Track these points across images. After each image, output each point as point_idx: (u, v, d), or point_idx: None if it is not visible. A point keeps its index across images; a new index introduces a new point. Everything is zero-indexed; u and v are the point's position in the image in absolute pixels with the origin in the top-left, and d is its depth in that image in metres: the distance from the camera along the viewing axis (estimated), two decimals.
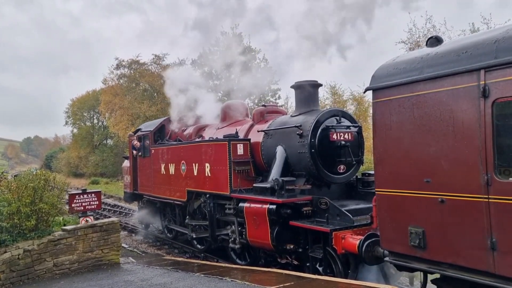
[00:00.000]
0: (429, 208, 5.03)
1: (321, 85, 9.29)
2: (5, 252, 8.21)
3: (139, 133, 14.66)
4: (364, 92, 6.24)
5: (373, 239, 6.34)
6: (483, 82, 4.49)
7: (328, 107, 21.84)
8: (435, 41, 5.58)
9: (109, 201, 26.76)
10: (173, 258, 11.57)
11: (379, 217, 5.85)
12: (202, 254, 11.23)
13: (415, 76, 5.27)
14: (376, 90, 5.82)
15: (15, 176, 16.98)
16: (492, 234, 4.40)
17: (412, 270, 5.61)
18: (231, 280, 7.04)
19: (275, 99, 29.42)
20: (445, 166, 4.87)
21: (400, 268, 5.73)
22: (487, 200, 4.42)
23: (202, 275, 7.86)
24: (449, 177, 4.83)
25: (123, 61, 38.30)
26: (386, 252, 5.83)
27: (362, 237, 6.48)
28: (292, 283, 6.60)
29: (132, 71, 38.75)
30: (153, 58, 38.31)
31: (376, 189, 5.81)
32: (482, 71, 4.52)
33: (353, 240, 6.59)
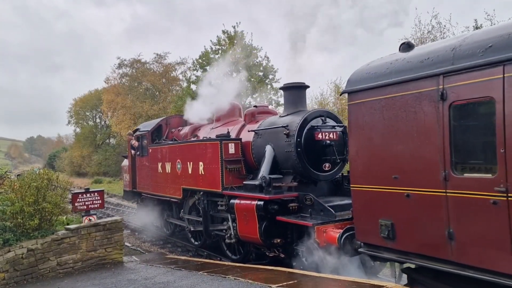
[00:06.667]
0: (396, 202, 5.46)
1: (308, 86, 9.68)
2: (9, 251, 8.33)
3: (138, 132, 15.11)
4: (340, 95, 6.67)
5: (351, 232, 6.77)
6: (442, 87, 4.92)
7: (331, 104, 22.22)
8: (406, 46, 5.98)
9: (112, 200, 27.11)
10: (176, 256, 11.70)
11: (354, 211, 6.29)
12: (205, 253, 11.52)
13: (384, 80, 5.70)
14: (351, 93, 6.26)
15: (18, 175, 17.41)
16: (450, 225, 4.83)
17: (385, 260, 6.04)
18: (234, 279, 7.09)
19: (277, 97, 29.63)
20: (410, 163, 5.31)
21: (374, 258, 6.17)
22: (445, 194, 4.86)
23: (205, 273, 7.93)
24: (413, 174, 5.27)
25: (125, 60, 38.84)
26: (361, 243, 6.27)
27: (342, 230, 6.92)
28: (295, 281, 6.68)
29: (134, 70, 39.25)
30: (155, 57, 38.81)
31: (351, 185, 6.25)
32: (441, 76, 4.94)
33: (334, 234, 7.02)
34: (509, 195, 4.22)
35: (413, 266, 5.83)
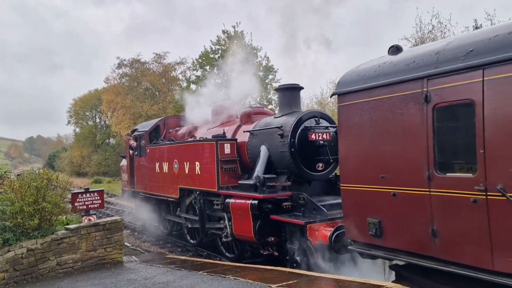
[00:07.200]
0: (384, 201, 5.64)
1: (302, 88, 9.86)
2: (9, 251, 8.34)
3: (136, 133, 15.31)
4: (331, 97, 6.86)
5: (342, 230, 6.95)
6: (426, 89, 5.09)
7: (331, 104, 22.36)
8: (395, 49, 6.14)
9: (112, 200, 27.22)
10: (175, 256, 11.78)
11: (344, 210, 6.46)
12: (205, 253, 11.65)
13: (372, 82, 5.87)
14: (341, 95, 6.43)
15: (18, 175, 17.52)
16: (434, 223, 5.01)
17: (373, 257, 6.21)
18: (234, 278, 7.10)
19: (277, 97, 29.55)
20: (396, 163, 5.49)
21: (363, 255, 6.34)
22: (429, 193, 5.04)
23: (204, 273, 7.93)
24: (400, 173, 5.44)
25: (124, 60, 38.96)
26: (351, 241, 6.45)
27: (333, 229, 7.11)
28: (295, 281, 6.68)
29: (133, 70, 39.38)
30: (154, 57, 38.95)
31: (341, 185, 6.43)
32: (425, 79, 5.12)
33: (325, 232, 7.21)
34: (488, 193, 4.40)
35: (401, 263, 6.01)
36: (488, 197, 4.41)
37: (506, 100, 4.26)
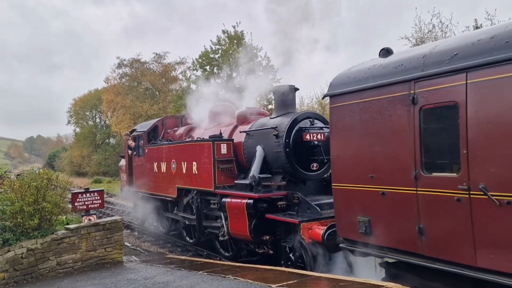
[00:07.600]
0: (373, 200, 5.81)
1: (298, 89, 10.01)
2: (9, 251, 8.34)
3: (134, 133, 15.45)
4: (323, 98, 7.01)
5: (335, 229, 7.09)
6: (413, 92, 5.26)
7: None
8: (385, 52, 6.31)
9: (112, 200, 27.34)
10: (175, 256, 11.81)
11: (335, 209, 6.63)
12: (205, 252, 11.74)
13: (363, 84, 6.03)
14: (332, 96, 6.60)
15: (18, 175, 17.65)
16: (420, 221, 5.18)
17: (363, 254, 6.37)
18: (234, 278, 7.10)
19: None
20: (385, 163, 5.66)
21: (354, 253, 6.50)
22: (415, 192, 5.20)
23: (204, 273, 7.93)
24: (388, 173, 5.61)
25: (124, 60, 39.12)
26: (343, 239, 6.61)
27: (326, 227, 7.27)
28: (295, 281, 6.68)
29: (133, 70, 39.52)
30: (154, 57, 39.10)
31: (332, 184, 6.59)
32: (413, 82, 5.29)
33: (318, 230, 7.36)
34: (471, 192, 4.56)
35: (390, 260, 6.17)
36: (471, 196, 4.57)
37: (488, 103, 4.43)
